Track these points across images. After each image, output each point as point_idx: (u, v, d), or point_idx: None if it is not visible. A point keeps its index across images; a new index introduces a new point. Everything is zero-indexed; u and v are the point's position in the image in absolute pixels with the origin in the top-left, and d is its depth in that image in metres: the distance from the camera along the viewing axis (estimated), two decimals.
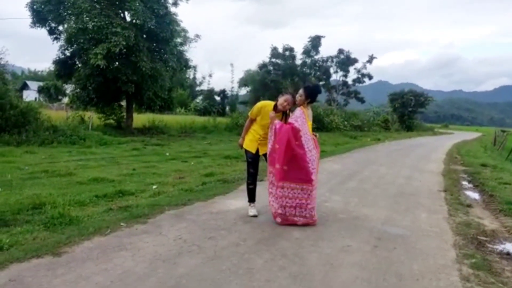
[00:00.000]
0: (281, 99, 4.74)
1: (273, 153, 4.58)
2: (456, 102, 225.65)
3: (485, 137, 37.86)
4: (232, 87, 47.70)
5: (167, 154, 11.85)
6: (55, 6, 16.45)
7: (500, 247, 4.15)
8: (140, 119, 21.04)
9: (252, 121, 5.00)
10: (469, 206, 6.07)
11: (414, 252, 3.86)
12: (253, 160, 4.94)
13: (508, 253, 3.92)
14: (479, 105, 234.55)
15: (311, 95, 4.73)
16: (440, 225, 4.89)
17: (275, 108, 4.77)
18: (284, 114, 4.86)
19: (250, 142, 4.95)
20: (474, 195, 7.17)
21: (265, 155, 4.91)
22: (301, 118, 4.57)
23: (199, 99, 53.00)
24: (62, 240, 3.66)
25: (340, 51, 38.41)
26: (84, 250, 3.51)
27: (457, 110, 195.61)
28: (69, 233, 3.89)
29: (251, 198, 5.01)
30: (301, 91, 4.72)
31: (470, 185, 8.22)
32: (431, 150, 18.01)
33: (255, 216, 4.85)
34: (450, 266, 3.53)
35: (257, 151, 4.91)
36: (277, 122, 4.60)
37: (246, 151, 4.97)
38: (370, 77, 40.34)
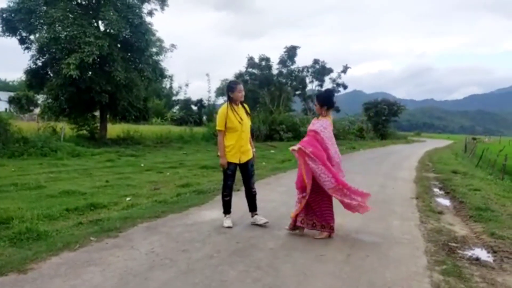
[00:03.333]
0: (236, 92, 4.82)
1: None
2: (428, 111, 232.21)
3: (456, 144, 38.98)
4: (209, 97, 47.48)
5: (142, 165, 11.69)
6: (26, 15, 16.08)
7: (469, 253, 4.24)
8: (115, 129, 20.67)
9: (223, 133, 4.83)
10: (440, 212, 6.20)
11: (387, 260, 3.91)
12: (232, 173, 4.86)
13: (477, 259, 4.01)
14: (450, 114, 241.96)
15: (324, 101, 4.70)
16: (412, 232, 4.98)
17: (233, 103, 4.83)
18: (243, 106, 4.96)
19: (231, 153, 4.80)
20: (445, 201, 7.33)
21: (241, 165, 4.87)
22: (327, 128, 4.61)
23: (175, 109, 52.52)
24: (28, 256, 3.54)
25: (316, 61, 38.90)
26: (52, 266, 3.40)
27: (429, 119, 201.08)
28: (36, 248, 3.77)
29: (227, 210, 4.96)
30: (315, 101, 4.82)
31: (441, 192, 8.41)
32: (404, 158, 18.39)
33: (229, 227, 4.81)
34: (421, 273, 3.59)
35: (239, 161, 4.84)
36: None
37: (228, 163, 4.82)
38: (345, 87, 40.98)
